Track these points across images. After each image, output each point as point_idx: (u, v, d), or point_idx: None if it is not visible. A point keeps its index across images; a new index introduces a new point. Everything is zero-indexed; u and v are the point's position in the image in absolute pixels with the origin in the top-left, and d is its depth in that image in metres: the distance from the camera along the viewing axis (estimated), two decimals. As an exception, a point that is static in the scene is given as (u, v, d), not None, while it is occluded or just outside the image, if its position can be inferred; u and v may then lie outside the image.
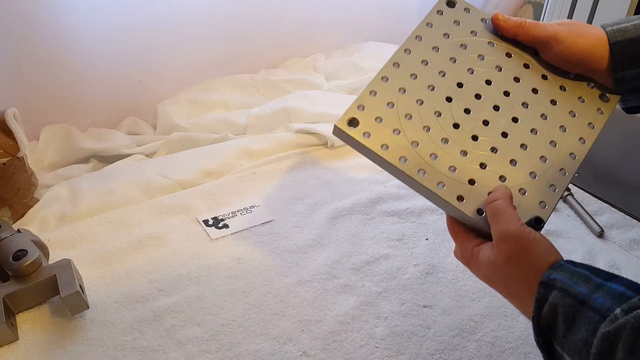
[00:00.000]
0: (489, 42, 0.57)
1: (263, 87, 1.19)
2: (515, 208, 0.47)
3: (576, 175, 0.52)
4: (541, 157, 0.52)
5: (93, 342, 0.62)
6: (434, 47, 0.56)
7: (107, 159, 0.99)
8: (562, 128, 0.53)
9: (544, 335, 0.40)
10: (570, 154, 0.52)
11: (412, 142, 0.51)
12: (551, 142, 0.53)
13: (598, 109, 0.54)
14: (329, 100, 1.10)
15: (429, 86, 0.54)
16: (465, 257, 0.49)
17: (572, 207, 0.88)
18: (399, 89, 0.54)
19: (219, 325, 0.65)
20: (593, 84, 0.55)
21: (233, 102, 1.14)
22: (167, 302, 0.68)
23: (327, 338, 0.64)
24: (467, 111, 0.53)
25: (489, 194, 0.49)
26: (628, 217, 0.86)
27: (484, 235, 0.48)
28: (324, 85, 1.20)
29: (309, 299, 0.70)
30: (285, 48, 1.29)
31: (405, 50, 0.56)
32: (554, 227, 0.83)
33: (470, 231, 0.50)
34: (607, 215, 0.87)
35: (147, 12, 1.03)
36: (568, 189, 0.89)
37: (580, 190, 0.91)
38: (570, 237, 0.82)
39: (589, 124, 0.54)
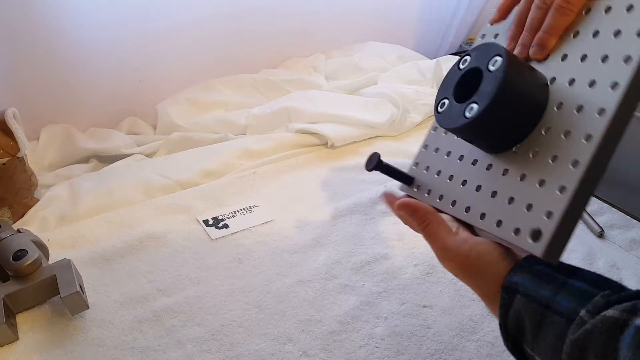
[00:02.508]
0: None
1: (263, 87, 1.19)
2: (444, 223, 0.46)
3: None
4: (551, 156, 0.42)
5: (93, 342, 0.62)
6: None
7: (107, 159, 0.99)
8: (579, 108, 0.42)
9: (513, 338, 0.40)
10: (587, 135, 0.40)
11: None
12: (565, 132, 0.42)
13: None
14: (329, 100, 1.10)
15: None
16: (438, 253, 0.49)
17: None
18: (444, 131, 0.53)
19: (219, 325, 0.65)
20: None
21: (233, 102, 1.14)
22: (167, 302, 0.68)
23: (327, 338, 0.64)
24: None
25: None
26: (628, 217, 0.86)
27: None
28: (324, 85, 1.20)
29: (309, 299, 0.70)
30: (285, 48, 1.29)
31: None
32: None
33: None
34: (607, 215, 0.87)
35: (147, 12, 1.03)
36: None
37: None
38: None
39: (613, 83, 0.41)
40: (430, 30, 1.54)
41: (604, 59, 0.42)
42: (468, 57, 0.45)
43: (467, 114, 0.42)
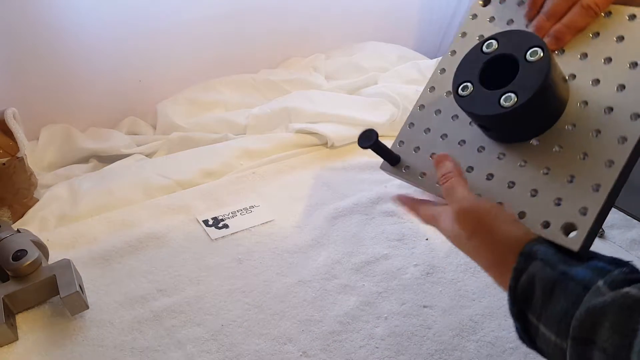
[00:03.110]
0: (526, 25, 0.50)
1: (263, 87, 1.19)
2: (466, 182, 0.45)
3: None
4: (582, 153, 0.43)
5: (93, 342, 0.62)
6: None
7: (107, 159, 0.99)
8: (608, 109, 0.43)
9: (519, 306, 0.39)
10: (620, 137, 0.41)
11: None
12: (595, 130, 0.43)
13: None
14: (329, 100, 1.10)
15: None
16: (428, 218, 0.48)
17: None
18: (435, 111, 0.52)
19: (219, 326, 0.65)
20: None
21: (233, 102, 1.14)
22: (167, 302, 0.68)
23: (327, 338, 0.64)
24: None
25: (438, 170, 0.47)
26: (628, 217, 0.86)
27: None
28: (324, 85, 1.20)
29: (309, 299, 0.70)
30: (285, 48, 1.29)
31: (440, 70, 0.53)
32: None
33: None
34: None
35: (147, 12, 1.03)
36: None
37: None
38: (570, 237, 0.82)
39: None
40: (430, 30, 1.53)
41: (633, 65, 0.43)
42: (494, 42, 0.44)
43: (504, 103, 0.41)
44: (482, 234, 0.42)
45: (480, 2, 0.54)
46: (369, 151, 0.52)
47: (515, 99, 0.41)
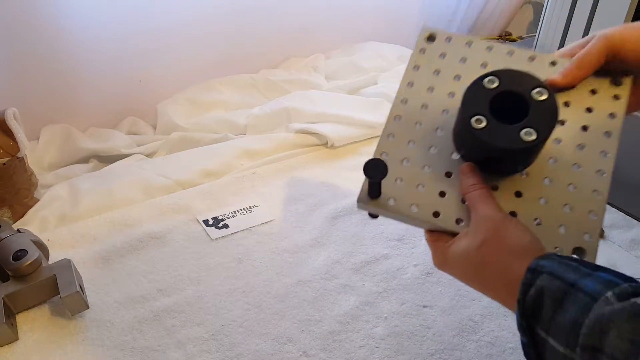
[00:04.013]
0: (481, 65, 0.54)
1: (263, 87, 1.19)
2: (493, 196, 0.46)
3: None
4: (569, 184, 0.47)
5: (93, 342, 0.62)
6: (428, 89, 0.54)
7: (107, 159, 0.99)
8: (580, 146, 0.49)
9: (528, 320, 0.39)
10: (598, 170, 0.47)
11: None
12: (574, 164, 0.48)
13: (610, 114, 0.49)
14: (329, 100, 1.10)
15: (436, 129, 0.52)
16: (438, 258, 0.48)
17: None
18: (408, 142, 0.52)
19: (219, 325, 0.65)
20: (595, 90, 0.50)
21: (233, 102, 1.14)
22: (167, 302, 0.68)
23: (327, 338, 0.64)
24: None
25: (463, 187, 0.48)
26: (628, 217, 0.86)
27: None
28: (324, 85, 1.20)
29: (309, 299, 0.70)
30: (285, 48, 1.29)
31: (401, 100, 0.54)
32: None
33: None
34: (607, 215, 0.86)
35: (147, 12, 1.03)
36: None
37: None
38: (570, 237, 0.82)
39: (606, 132, 0.49)
40: (430, 30, 1.53)
41: (584, 128, 0.49)
42: (495, 78, 0.47)
43: (526, 137, 0.44)
44: (493, 242, 0.43)
45: (425, 37, 0.57)
46: (369, 152, 0.52)
47: (536, 134, 0.44)
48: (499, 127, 0.45)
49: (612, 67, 0.49)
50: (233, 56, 1.20)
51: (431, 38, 0.56)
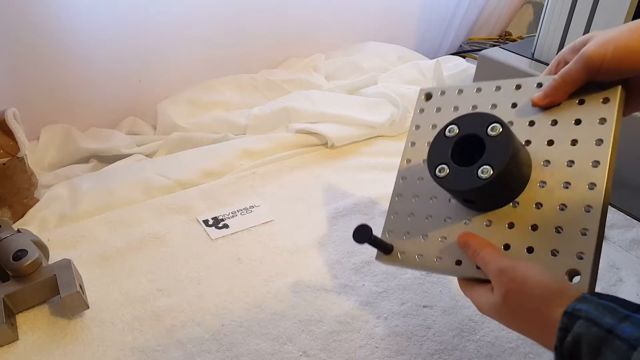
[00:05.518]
0: (472, 107, 0.56)
1: (263, 87, 1.19)
2: (494, 246, 0.47)
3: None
4: (559, 205, 0.46)
5: (93, 342, 0.62)
6: (427, 144, 0.56)
7: (107, 159, 0.99)
8: (569, 162, 0.48)
9: None
10: (589, 183, 0.46)
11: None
12: (564, 183, 0.47)
13: (600, 119, 0.47)
14: (329, 100, 1.10)
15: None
16: (478, 308, 0.49)
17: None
18: (413, 197, 0.55)
19: (219, 325, 0.65)
20: (584, 100, 0.49)
21: (233, 102, 1.14)
22: (167, 302, 0.68)
23: (327, 338, 0.64)
24: None
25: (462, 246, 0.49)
26: (628, 217, 0.86)
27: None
28: (324, 85, 1.21)
29: (309, 299, 0.70)
30: (285, 48, 1.29)
31: (406, 160, 0.57)
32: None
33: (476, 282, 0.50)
34: (607, 215, 0.86)
35: (147, 12, 1.03)
36: None
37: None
38: (570, 237, 0.82)
39: (597, 140, 0.47)
40: (430, 30, 1.54)
41: (578, 122, 0.48)
42: (454, 126, 0.49)
43: (482, 175, 0.45)
44: (515, 292, 0.43)
45: (424, 98, 0.60)
46: (369, 152, 0.53)
47: (491, 170, 0.45)
48: (459, 171, 0.47)
49: (597, 79, 0.48)
50: (233, 56, 1.20)
51: (428, 96, 0.59)
